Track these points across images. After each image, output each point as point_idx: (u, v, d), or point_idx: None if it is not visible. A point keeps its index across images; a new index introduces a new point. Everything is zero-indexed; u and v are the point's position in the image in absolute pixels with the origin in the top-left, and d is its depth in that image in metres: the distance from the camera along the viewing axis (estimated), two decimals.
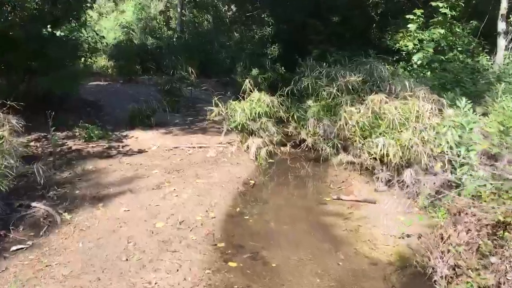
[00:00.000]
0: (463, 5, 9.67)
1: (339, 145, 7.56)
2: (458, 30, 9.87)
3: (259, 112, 7.92)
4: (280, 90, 8.56)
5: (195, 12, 23.24)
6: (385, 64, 10.16)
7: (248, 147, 8.09)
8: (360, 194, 6.02)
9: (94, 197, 5.78)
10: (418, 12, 10.37)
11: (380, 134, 6.23)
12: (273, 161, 7.81)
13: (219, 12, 21.41)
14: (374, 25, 12.07)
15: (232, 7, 21.81)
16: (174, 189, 6.07)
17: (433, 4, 9.88)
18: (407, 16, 10.53)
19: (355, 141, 6.64)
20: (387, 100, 6.35)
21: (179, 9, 24.28)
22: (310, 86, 8.37)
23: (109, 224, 4.98)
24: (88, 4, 11.46)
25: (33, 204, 5.49)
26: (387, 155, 5.94)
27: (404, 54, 11.52)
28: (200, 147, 8.59)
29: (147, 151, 8.24)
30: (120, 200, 5.68)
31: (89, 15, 14.84)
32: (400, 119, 6.07)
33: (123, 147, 8.52)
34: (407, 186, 5.90)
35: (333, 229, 4.99)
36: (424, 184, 5.59)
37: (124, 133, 9.53)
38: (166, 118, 10.89)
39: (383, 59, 11.17)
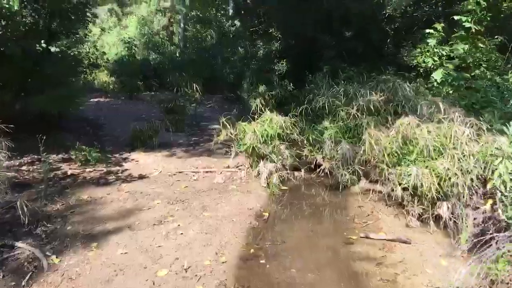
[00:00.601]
0: (488, 19, 9.02)
1: (360, 172, 6.84)
2: (481, 46, 9.19)
3: (271, 135, 7.23)
4: (293, 110, 7.90)
5: (198, 27, 22.88)
6: (406, 82, 9.55)
7: (258, 173, 7.39)
8: (391, 232, 5.27)
9: (87, 235, 5.06)
10: (439, 26, 9.74)
11: (411, 161, 5.52)
12: (286, 188, 7.08)
13: (222, 28, 21.04)
14: (389, 40, 11.46)
15: (236, 22, 21.47)
16: (179, 225, 5.35)
17: (456, 17, 9.23)
18: (427, 31, 9.89)
19: (381, 168, 5.91)
20: (419, 123, 5.65)
21: (182, 24, 23.93)
22: (326, 106, 7.66)
23: (103, 272, 4.26)
24: (89, 19, 10.89)
25: (18, 244, 4.79)
26: (421, 186, 5.22)
27: (421, 71, 10.86)
28: (206, 171, 7.89)
29: (148, 177, 7.54)
30: (117, 239, 4.96)
31: (90, 30, 14.35)
32: (435, 145, 5.36)
33: (122, 171, 7.83)
34: (443, 223, 5.18)
35: (366, 279, 4.24)
36: (465, 222, 4.88)
37: (124, 156, 8.86)
38: (169, 139, 10.23)
39: (400, 76, 10.55)
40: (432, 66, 9.87)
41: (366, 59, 12.02)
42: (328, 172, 7.25)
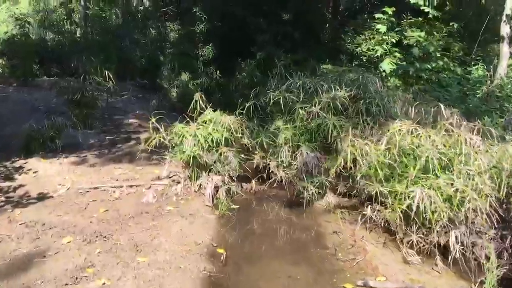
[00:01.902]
0: (450, 5, 8.23)
1: (326, 183, 5.61)
2: (436, 33, 8.38)
3: (217, 140, 5.71)
4: (240, 107, 6.48)
5: (102, 6, 20.46)
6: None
7: (200, 186, 5.87)
8: (392, 274, 4.07)
9: None
10: (389, 10, 8.78)
11: (413, 180, 4.34)
12: (237, 206, 5.65)
13: (129, 7, 18.96)
14: (328, 25, 10.38)
15: (145, 1, 19.56)
16: (104, 284, 3.69)
17: (412, 1, 8.31)
18: (376, 15, 8.89)
19: (368, 186, 4.69)
20: (417, 128, 4.49)
21: (82, 2, 21.30)
22: (281, 102, 6.29)
23: None
24: None
25: None
26: (425, 211, 4.07)
27: (364, 60, 9.92)
28: (131, 185, 6.16)
29: (52, 196, 5.67)
30: None
31: None
32: (441, 158, 4.24)
33: (15, 189, 5.86)
34: (452, 258, 4.09)
35: None
36: (487, 259, 3.83)
37: (18, 164, 6.80)
38: (77, 138, 8.24)
39: (342, 65, 9.53)
40: (382, 55, 8.92)
41: (303, 46, 10.84)
42: (285, 183, 5.94)
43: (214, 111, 6.21)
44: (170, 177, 6.29)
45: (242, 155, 6.09)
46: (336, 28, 10.50)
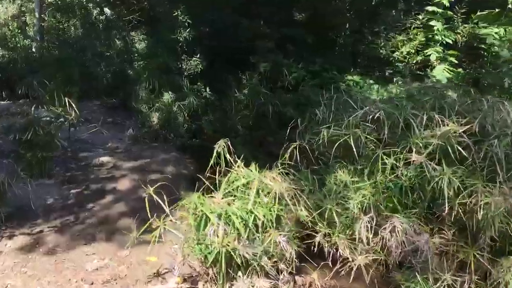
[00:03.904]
0: None
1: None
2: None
3: (263, 222, 3.37)
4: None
5: (58, 17, 17.89)
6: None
7: None
8: None
9: None
10: (445, 1, 6.66)
11: None
12: None
13: (89, 16, 16.62)
14: (348, 24, 8.18)
15: (106, 9, 17.24)
16: None
17: None
18: (429, 9, 6.75)
19: None
20: None
21: (37, 14, 18.67)
22: (349, 144, 3.99)
23: None
24: None
25: None
26: None
27: (401, 67, 7.80)
28: None
29: None
30: None
31: None
32: None
33: None
34: None
35: None
36: None
37: None
38: (27, 197, 5.70)
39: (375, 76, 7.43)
40: (436, 61, 6.80)
41: (318, 52, 8.63)
42: (366, 274, 3.67)
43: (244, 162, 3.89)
44: (180, 276, 3.89)
45: (297, 235, 3.79)
46: (359, 28, 8.35)
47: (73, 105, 7.38)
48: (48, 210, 5.57)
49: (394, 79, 7.97)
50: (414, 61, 7.63)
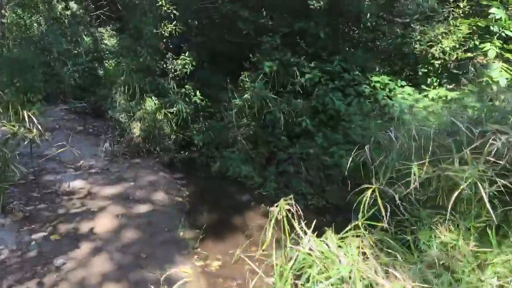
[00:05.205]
0: None
1: None
2: None
3: None
4: None
5: (20, 12, 16.13)
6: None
7: None
8: None
9: None
10: None
11: None
12: None
13: (53, 12, 15.11)
14: (368, 14, 6.76)
15: (72, 3, 15.83)
16: None
17: None
18: None
19: None
20: None
21: None
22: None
23: None
24: None
25: None
26: None
27: (437, 66, 6.50)
28: None
29: None
30: None
31: None
32: None
33: None
34: None
35: None
36: None
37: None
38: None
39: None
40: (492, 59, 5.51)
41: (333, 48, 7.21)
42: None
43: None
44: None
45: None
46: (382, 19, 6.94)
47: (34, 119, 5.75)
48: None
49: (428, 80, 6.66)
50: (454, 58, 6.29)
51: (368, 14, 6.91)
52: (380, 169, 3.28)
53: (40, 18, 15.21)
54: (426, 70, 6.59)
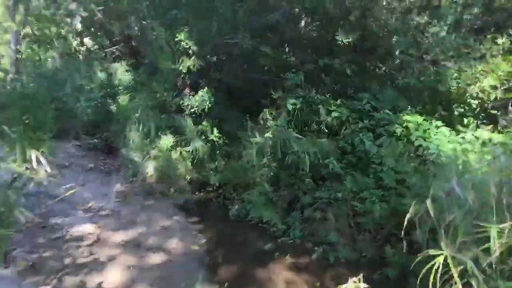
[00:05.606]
0: None
1: None
2: None
3: None
4: None
5: (35, 48, 16.30)
6: None
7: None
8: None
9: None
10: None
11: None
12: None
13: (68, 48, 15.23)
14: (398, 51, 6.32)
15: (87, 40, 15.92)
16: None
17: None
18: None
19: None
20: None
21: (12, 45, 16.95)
22: None
23: None
24: None
25: None
26: None
27: (475, 106, 6.05)
28: None
29: None
30: None
31: None
32: None
33: None
34: None
35: None
36: None
37: None
38: None
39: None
40: None
41: (360, 86, 6.81)
42: None
43: None
44: None
45: None
46: (410, 56, 6.56)
47: (42, 158, 5.34)
48: None
49: (465, 120, 6.19)
50: (493, 98, 5.84)
51: (398, 51, 6.53)
52: (439, 227, 2.78)
53: (55, 53, 15.27)
54: (462, 110, 6.13)
